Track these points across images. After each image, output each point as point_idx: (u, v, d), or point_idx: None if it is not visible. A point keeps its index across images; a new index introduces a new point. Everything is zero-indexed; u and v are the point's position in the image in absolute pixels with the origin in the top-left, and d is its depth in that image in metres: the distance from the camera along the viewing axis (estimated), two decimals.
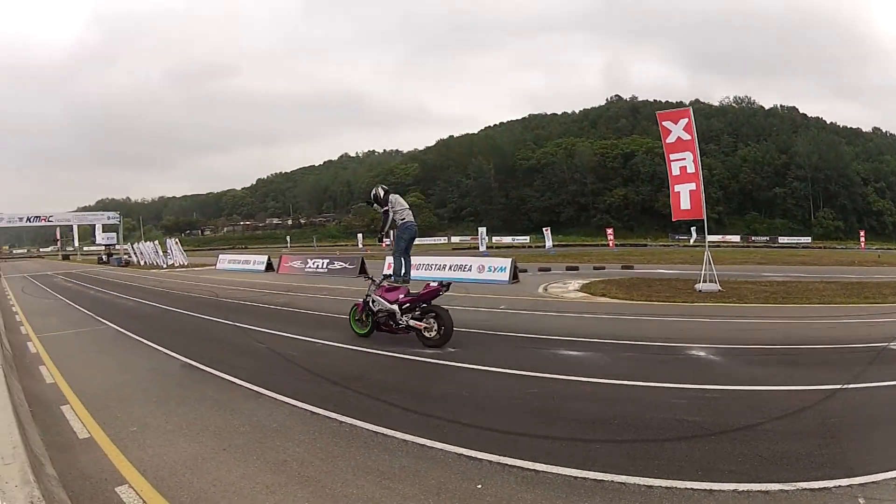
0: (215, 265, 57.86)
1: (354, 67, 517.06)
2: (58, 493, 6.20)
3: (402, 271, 17.00)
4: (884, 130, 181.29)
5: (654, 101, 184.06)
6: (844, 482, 6.47)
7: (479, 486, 6.65)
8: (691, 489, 6.34)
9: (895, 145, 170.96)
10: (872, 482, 6.50)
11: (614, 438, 7.93)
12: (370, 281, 16.95)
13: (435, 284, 15.35)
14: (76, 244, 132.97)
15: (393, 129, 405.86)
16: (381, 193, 16.88)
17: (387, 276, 17.13)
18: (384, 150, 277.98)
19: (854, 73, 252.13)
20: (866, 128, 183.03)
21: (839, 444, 7.65)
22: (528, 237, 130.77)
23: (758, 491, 6.31)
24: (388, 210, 16.72)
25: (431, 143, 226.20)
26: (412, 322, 15.05)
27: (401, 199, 17.11)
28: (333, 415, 9.45)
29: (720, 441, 7.70)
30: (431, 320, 14.90)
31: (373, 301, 16.03)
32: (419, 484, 6.80)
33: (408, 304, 15.32)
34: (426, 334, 14.83)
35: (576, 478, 6.66)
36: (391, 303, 15.50)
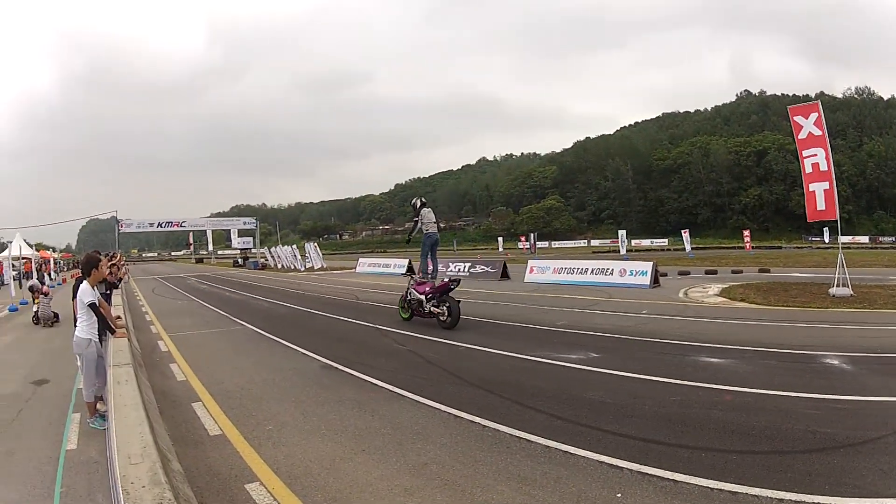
0: (354, 269, 58.74)
1: (484, 70, 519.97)
2: (183, 489, 6.15)
3: (430, 269, 21.62)
4: None
5: (782, 94, 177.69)
6: None
7: (619, 496, 6.50)
8: None
9: None
10: None
11: (750, 449, 7.79)
12: (410, 278, 22.36)
13: (447, 280, 20.53)
14: (210, 248, 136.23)
15: (529, 132, 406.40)
16: (418, 204, 21.80)
17: (424, 274, 21.68)
18: (521, 154, 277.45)
19: None
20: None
21: None
22: (665, 240, 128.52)
23: None
24: (417, 220, 21.63)
25: (568, 144, 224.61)
26: (433, 309, 20.03)
27: (429, 213, 21.62)
28: (476, 418, 9.40)
29: (849, 454, 7.49)
30: (444, 308, 19.65)
31: (409, 293, 21.32)
32: (559, 491, 6.67)
33: (431, 295, 20.25)
34: (441, 318, 19.66)
35: (712, 489, 6.56)
36: (420, 294, 20.60)
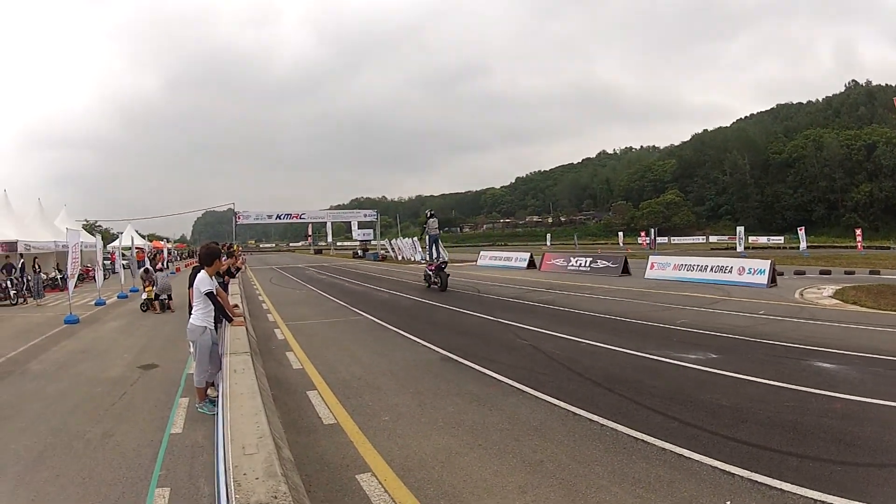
0: (476, 262, 58.49)
1: (600, 62, 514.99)
2: (293, 477, 5.99)
3: (435, 255, 37.51)
4: None
5: (887, 85, 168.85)
6: None
7: (728, 503, 6.42)
8: None
9: None
10: None
11: (855, 461, 7.66)
12: (426, 262, 38.40)
13: (439, 263, 35.14)
14: (329, 239, 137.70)
15: (646, 124, 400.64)
16: (427, 214, 36.76)
17: (431, 259, 37.38)
18: (641, 147, 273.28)
19: None
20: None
21: None
22: (781, 237, 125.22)
23: None
24: (425, 227, 37.25)
25: (686, 137, 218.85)
26: (434, 278, 34.21)
27: (433, 222, 37.00)
28: (595, 417, 9.30)
29: None
30: (437, 279, 33.96)
31: (425, 271, 36.11)
32: (672, 496, 6.58)
33: (433, 270, 34.70)
34: (434, 283, 34.25)
35: (816, 501, 6.48)
36: (429, 271, 35.25)
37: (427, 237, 37.41)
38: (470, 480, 7.10)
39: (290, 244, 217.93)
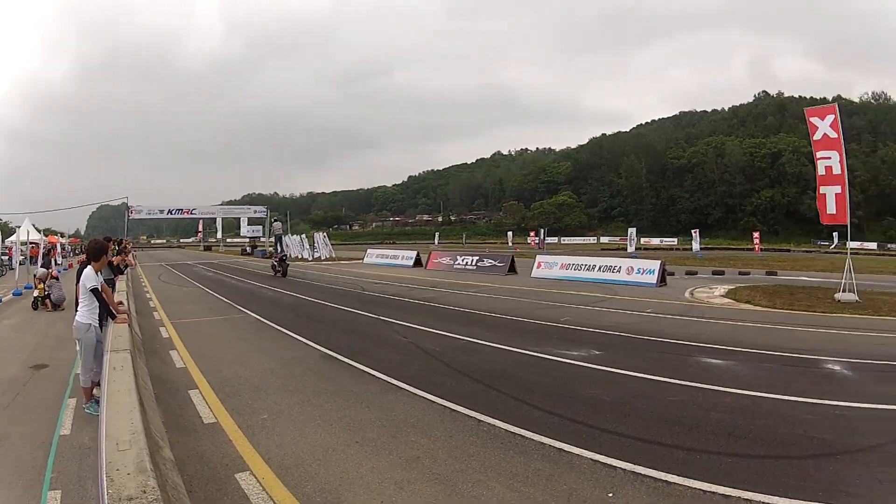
0: (362, 259, 59.00)
1: (506, 65, 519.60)
2: (172, 476, 6.19)
3: (279, 250, 49.35)
4: None
5: (800, 97, 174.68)
6: None
7: (611, 495, 6.51)
8: None
9: None
10: None
11: (746, 453, 7.76)
12: (272, 255, 53.83)
13: (282, 257, 45.30)
14: (219, 236, 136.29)
15: (546, 128, 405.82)
16: (272, 220, 63.98)
17: (276, 253, 48.93)
18: (537, 149, 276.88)
19: None
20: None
21: None
22: (675, 239, 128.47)
23: None
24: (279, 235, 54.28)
25: (584, 141, 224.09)
26: (278, 267, 43.57)
27: (277, 225, 57.96)
28: (473, 413, 9.42)
29: (844, 461, 7.49)
30: (280, 268, 43.26)
31: (272, 262, 45.74)
32: (550, 489, 6.69)
33: (277, 261, 44.50)
34: (278, 271, 43.37)
35: (705, 492, 6.55)
36: (275, 261, 45.11)
37: (274, 236, 53.76)
38: (347, 477, 7.13)
39: (181, 240, 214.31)
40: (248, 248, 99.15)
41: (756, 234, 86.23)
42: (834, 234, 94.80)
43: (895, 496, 6.49)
